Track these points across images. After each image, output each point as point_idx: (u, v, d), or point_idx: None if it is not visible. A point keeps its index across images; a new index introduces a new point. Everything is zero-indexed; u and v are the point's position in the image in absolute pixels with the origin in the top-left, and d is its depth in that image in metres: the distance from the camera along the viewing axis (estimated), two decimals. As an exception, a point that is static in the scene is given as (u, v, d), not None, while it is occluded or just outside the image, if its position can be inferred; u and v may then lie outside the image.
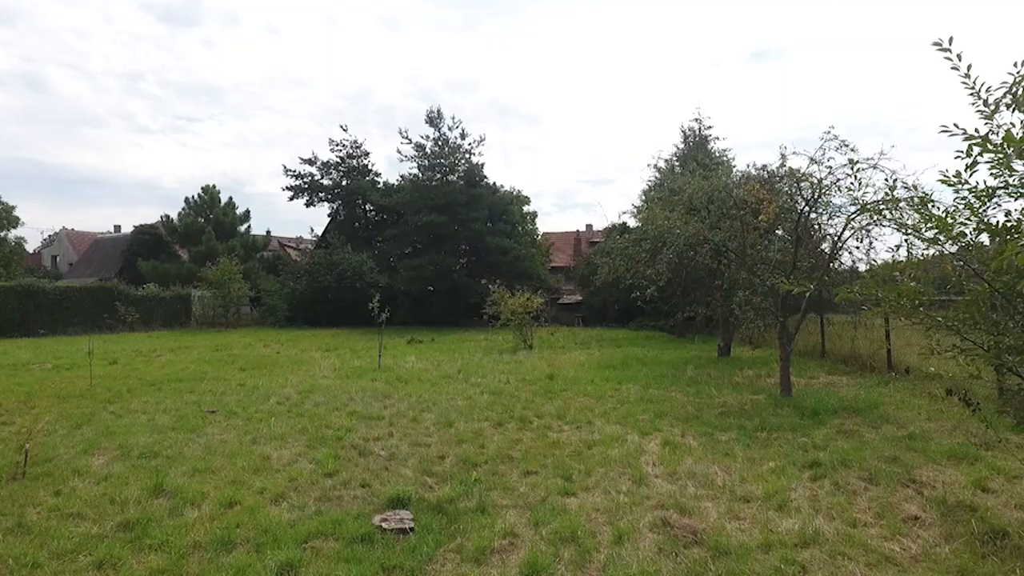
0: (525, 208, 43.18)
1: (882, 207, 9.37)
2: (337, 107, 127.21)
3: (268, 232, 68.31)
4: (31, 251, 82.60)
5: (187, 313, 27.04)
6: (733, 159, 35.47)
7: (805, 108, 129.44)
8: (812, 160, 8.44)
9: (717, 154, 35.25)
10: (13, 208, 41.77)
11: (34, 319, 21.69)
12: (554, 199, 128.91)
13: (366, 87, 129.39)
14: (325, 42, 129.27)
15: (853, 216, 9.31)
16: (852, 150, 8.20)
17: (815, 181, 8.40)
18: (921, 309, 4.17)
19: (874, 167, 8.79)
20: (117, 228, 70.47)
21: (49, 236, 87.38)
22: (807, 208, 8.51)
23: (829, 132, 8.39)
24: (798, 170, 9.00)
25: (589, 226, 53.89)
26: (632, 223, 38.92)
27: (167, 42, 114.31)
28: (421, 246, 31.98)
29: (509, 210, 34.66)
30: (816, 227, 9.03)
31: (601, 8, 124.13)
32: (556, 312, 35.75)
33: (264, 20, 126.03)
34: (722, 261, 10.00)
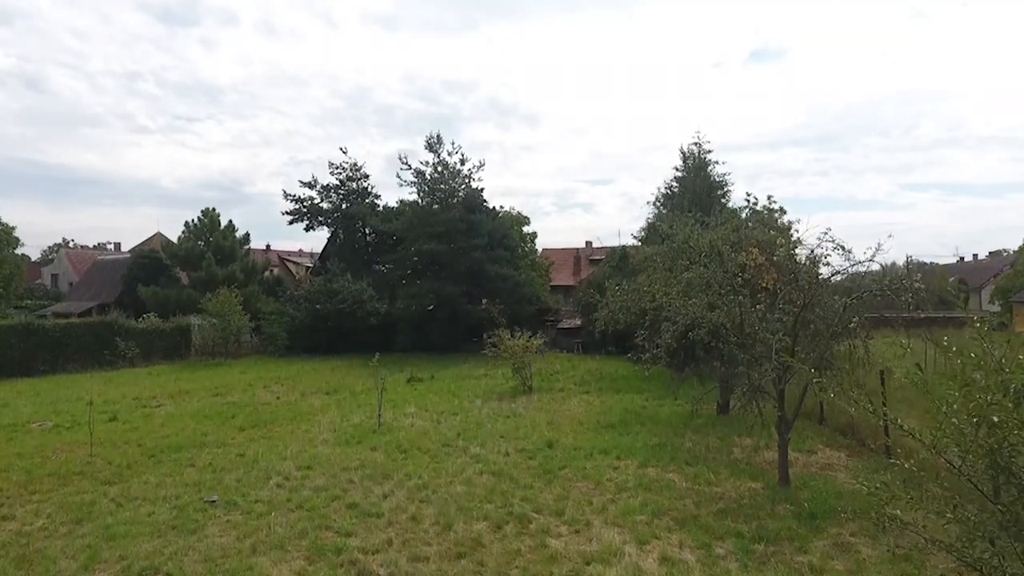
0: (524, 228, 43.39)
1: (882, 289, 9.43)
2: (336, 107, 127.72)
3: (268, 247, 68.49)
4: (33, 259, 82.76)
5: (187, 345, 27.11)
6: (732, 184, 35.62)
7: (804, 108, 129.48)
8: (811, 258, 8.50)
9: (717, 179, 35.37)
10: (13, 229, 41.89)
11: (34, 357, 21.74)
12: (553, 198, 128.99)
13: (365, 87, 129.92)
14: (324, 42, 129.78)
15: (852, 300, 9.37)
16: (848, 251, 8.29)
17: (811, 277, 8.47)
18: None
19: (871, 259, 8.87)
20: (117, 246, 70.58)
21: (50, 247, 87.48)
22: (804, 302, 8.56)
23: (826, 234, 8.53)
24: (798, 259, 9.03)
25: (589, 243, 54.01)
26: (633, 239, 38.99)
27: (165, 42, 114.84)
28: (421, 272, 32.04)
29: (509, 234, 34.75)
30: (813, 319, 9.04)
31: (601, 8, 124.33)
32: (556, 336, 35.78)
33: (262, 20, 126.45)
34: (720, 341, 10.04)
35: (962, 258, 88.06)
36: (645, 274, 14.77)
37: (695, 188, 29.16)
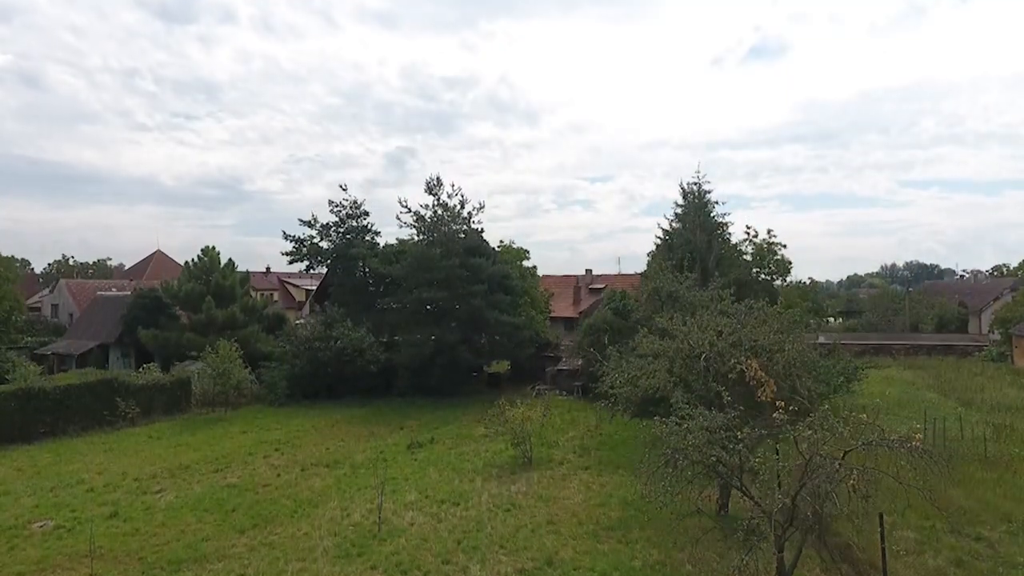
0: (524, 263, 43.40)
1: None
2: (334, 104, 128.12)
3: (268, 269, 68.71)
4: (32, 262, 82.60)
5: (187, 398, 27.14)
6: (731, 223, 35.81)
7: (804, 105, 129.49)
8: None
9: (718, 218, 35.55)
10: (16, 260, 41.94)
11: (35, 422, 21.76)
12: (553, 196, 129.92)
13: (363, 84, 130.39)
14: (322, 39, 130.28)
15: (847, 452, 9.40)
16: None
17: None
18: None
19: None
20: (120, 266, 70.65)
21: (50, 264, 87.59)
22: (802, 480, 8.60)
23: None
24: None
25: (589, 271, 54.08)
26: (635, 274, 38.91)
27: (163, 39, 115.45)
28: (421, 317, 32.02)
29: (509, 273, 34.71)
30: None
31: (600, 6, 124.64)
32: (555, 374, 35.79)
33: (260, 16, 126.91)
34: (719, 475, 10.09)
35: (962, 276, 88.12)
36: (644, 373, 14.80)
37: (695, 241, 29.23)
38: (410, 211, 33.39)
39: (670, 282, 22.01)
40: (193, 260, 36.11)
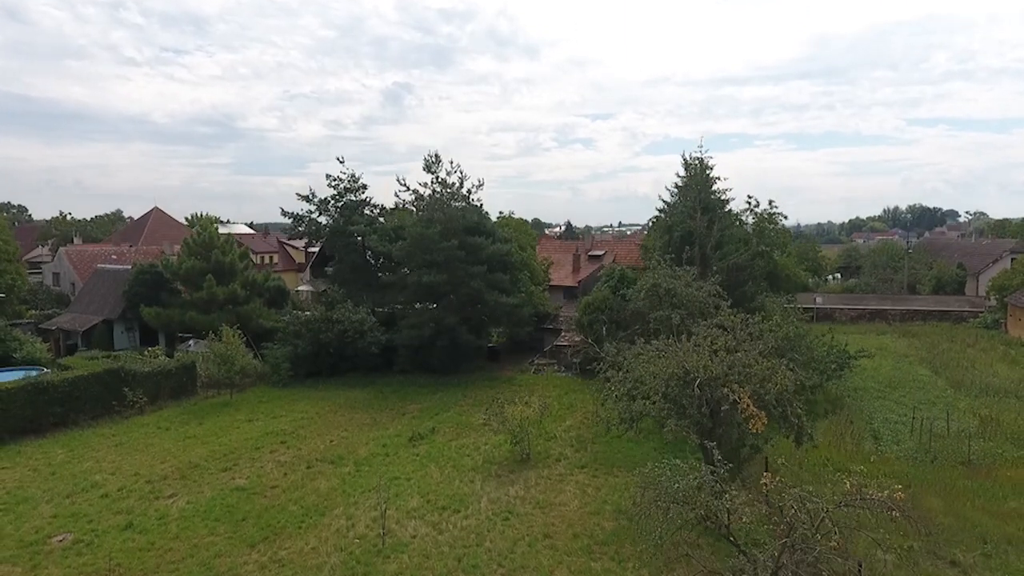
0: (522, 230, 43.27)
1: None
2: (328, 37, 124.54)
3: (267, 231, 68.47)
4: (39, 220, 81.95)
5: (192, 382, 27.69)
6: (732, 199, 35.50)
7: (811, 39, 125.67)
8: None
9: (718, 193, 35.22)
10: (11, 206, 41.69)
11: (45, 414, 22.31)
12: (554, 133, 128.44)
13: (357, 16, 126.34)
14: None
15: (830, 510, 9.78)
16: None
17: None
18: None
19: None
20: (118, 212, 70.35)
21: (48, 222, 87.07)
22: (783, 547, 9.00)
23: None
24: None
25: (588, 227, 53.97)
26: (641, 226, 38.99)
27: None
28: (421, 297, 32.23)
29: (509, 250, 34.65)
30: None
31: None
32: (554, 348, 36.28)
33: None
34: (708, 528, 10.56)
35: (962, 235, 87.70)
36: (640, 393, 15.14)
37: (695, 223, 29.08)
38: (408, 189, 33.19)
39: (668, 278, 22.13)
40: (192, 237, 36.01)
